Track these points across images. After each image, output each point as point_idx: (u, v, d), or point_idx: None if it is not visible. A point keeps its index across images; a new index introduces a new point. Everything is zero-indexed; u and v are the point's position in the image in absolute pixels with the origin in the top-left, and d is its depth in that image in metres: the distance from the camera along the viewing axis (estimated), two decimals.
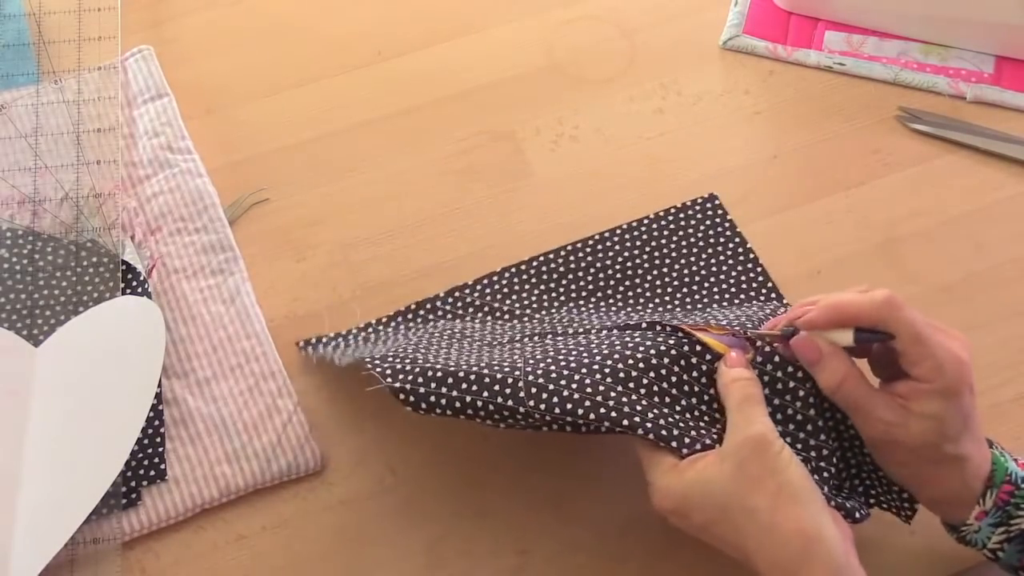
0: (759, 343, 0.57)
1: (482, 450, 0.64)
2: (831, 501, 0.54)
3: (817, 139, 0.75)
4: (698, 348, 0.57)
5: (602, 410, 0.54)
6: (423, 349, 0.61)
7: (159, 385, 0.64)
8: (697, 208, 0.72)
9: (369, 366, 0.59)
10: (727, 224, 0.72)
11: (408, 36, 0.79)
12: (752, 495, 0.51)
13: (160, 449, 0.63)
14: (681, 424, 0.55)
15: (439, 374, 0.57)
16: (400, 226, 0.72)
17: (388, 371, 0.58)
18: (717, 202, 0.73)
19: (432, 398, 0.56)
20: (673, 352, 0.57)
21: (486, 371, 0.56)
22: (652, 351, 0.57)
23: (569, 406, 0.54)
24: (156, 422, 0.64)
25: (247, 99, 0.77)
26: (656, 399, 0.55)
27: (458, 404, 0.56)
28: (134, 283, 0.68)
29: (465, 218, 0.72)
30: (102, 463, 0.61)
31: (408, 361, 0.59)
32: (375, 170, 0.74)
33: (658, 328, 0.59)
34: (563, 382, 0.55)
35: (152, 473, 0.63)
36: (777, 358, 0.57)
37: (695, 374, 0.57)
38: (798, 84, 0.78)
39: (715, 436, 0.55)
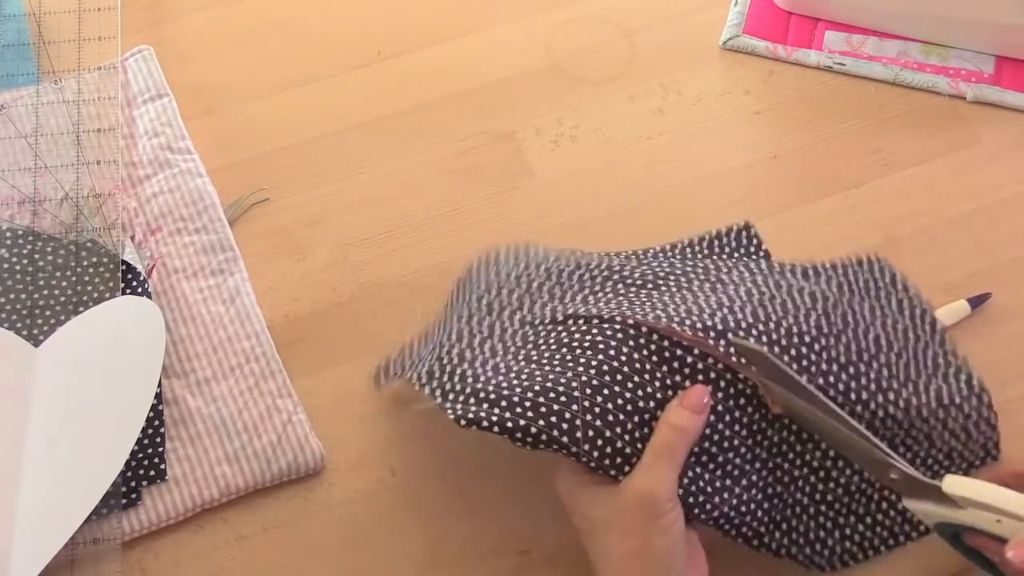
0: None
1: (481, 450, 0.64)
2: (780, 549, 0.58)
3: (817, 139, 0.75)
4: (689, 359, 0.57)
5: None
6: (472, 349, 0.61)
7: (159, 385, 0.64)
8: (732, 236, 0.70)
9: (418, 386, 0.59)
10: (762, 253, 0.70)
11: (408, 36, 0.79)
12: (614, 542, 0.52)
13: (160, 449, 0.63)
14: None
15: (492, 396, 0.56)
16: (400, 226, 0.72)
17: (439, 392, 0.58)
18: (753, 231, 0.71)
19: (482, 414, 0.55)
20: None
21: (541, 399, 0.55)
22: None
23: (619, 460, 0.54)
24: (156, 422, 0.64)
25: (247, 99, 0.77)
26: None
27: (509, 424, 0.54)
28: (134, 283, 0.68)
29: (465, 218, 0.72)
30: (102, 463, 0.61)
31: (457, 378, 0.58)
32: (375, 170, 0.74)
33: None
34: (619, 429, 0.54)
35: (152, 473, 0.63)
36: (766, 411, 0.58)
37: (678, 378, 0.57)
38: (798, 84, 0.78)
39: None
